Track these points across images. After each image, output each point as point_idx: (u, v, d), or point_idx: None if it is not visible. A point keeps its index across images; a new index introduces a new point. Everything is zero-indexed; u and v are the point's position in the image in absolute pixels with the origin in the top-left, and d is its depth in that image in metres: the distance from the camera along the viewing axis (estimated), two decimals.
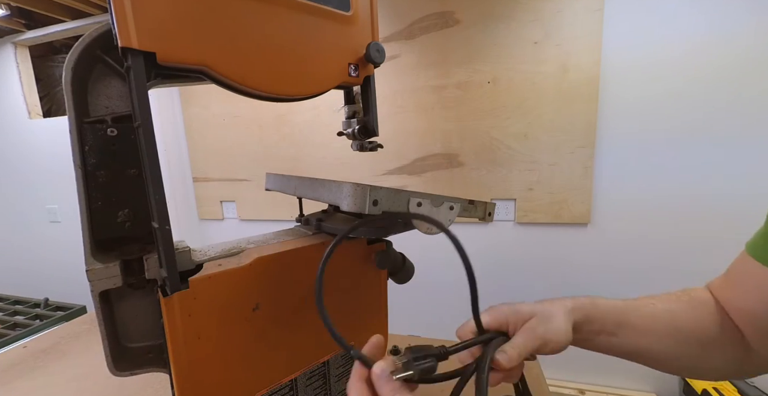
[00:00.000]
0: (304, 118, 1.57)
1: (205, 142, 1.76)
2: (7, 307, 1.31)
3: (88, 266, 0.36)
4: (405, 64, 1.40)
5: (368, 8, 0.50)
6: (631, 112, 1.21)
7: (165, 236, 0.35)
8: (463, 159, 1.40)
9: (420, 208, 0.40)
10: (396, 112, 1.42)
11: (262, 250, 0.44)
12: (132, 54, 0.32)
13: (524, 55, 1.27)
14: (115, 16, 0.30)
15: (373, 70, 0.53)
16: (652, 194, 1.20)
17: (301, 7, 0.42)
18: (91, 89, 0.38)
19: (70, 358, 0.79)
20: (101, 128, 0.37)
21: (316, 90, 0.47)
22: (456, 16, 1.32)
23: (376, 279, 0.57)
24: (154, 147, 0.33)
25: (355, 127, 0.56)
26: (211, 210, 1.83)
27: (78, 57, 0.36)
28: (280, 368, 0.46)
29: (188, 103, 1.75)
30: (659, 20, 1.15)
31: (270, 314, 0.44)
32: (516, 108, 1.31)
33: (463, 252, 0.30)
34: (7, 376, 0.73)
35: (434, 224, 0.35)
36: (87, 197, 0.37)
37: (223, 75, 0.37)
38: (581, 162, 1.26)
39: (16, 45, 1.91)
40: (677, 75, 1.15)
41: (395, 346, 0.81)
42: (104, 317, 0.38)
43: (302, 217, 0.58)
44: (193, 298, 0.38)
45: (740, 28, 1.08)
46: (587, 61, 1.21)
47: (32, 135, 1.96)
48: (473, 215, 0.48)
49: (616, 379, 1.38)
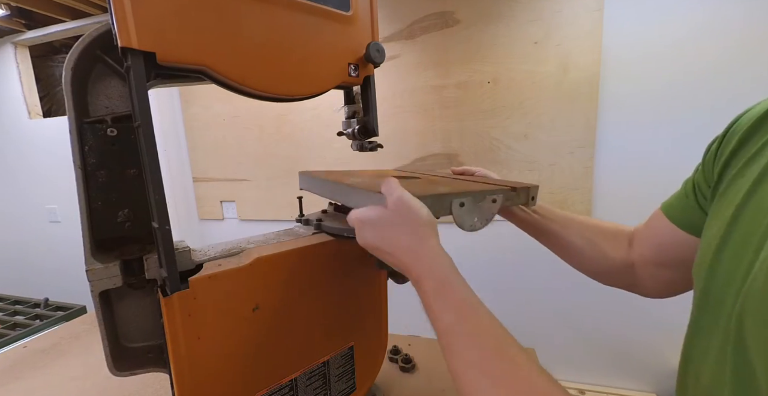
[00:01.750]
0: (304, 118, 1.57)
1: (205, 142, 1.76)
2: (7, 307, 1.31)
3: (88, 266, 0.36)
4: (405, 64, 1.40)
5: (368, 8, 0.50)
6: (631, 112, 1.21)
7: (165, 236, 0.35)
8: (463, 159, 1.40)
9: (463, 208, 0.41)
10: (396, 112, 1.42)
11: (262, 250, 0.44)
12: (132, 54, 0.32)
13: (524, 54, 1.27)
14: (115, 16, 0.30)
15: (373, 70, 0.53)
16: (653, 194, 1.19)
17: (301, 7, 0.42)
18: (91, 89, 0.38)
19: (70, 358, 0.79)
20: (101, 128, 0.37)
21: (316, 90, 0.47)
22: (456, 16, 1.32)
23: (376, 279, 0.57)
24: (154, 147, 0.33)
25: (355, 127, 0.56)
26: (211, 210, 1.83)
27: (78, 57, 0.36)
28: (280, 368, 0.46)
29: (188, 103, 1.75)
30: (659, 20, 1.15)
31: (270, 314, 0.44)
32: (516, 108, 1.31)
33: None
34: (7, 376, 0.73)
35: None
36: (87, 197, 0.37)
37: (223, 75, 0.37)
38: (581, 162, 1.26)
39: (16, 45, 1.91)
40: (678, 74, 1.15)
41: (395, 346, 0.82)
42: (104, 317, 0.38)
43: (302, 217, 0.58)
44: (193, 298, 0.38)
45: (740, 26, 1.08)
46: (587, 60, 1.21)
47: (32, 135, 1.96)
48: (516, 203, 0.48)
49: (616, 379, 1.38)
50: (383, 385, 0.66)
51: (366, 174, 0.60)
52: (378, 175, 0.58)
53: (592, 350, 1.38)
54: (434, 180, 0.54)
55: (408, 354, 0.73)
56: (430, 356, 0.74)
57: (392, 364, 0.72)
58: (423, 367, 0.72)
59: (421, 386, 0.66)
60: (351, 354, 0.55)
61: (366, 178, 0.53)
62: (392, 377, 0.69)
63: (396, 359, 0.73)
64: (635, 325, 1.31)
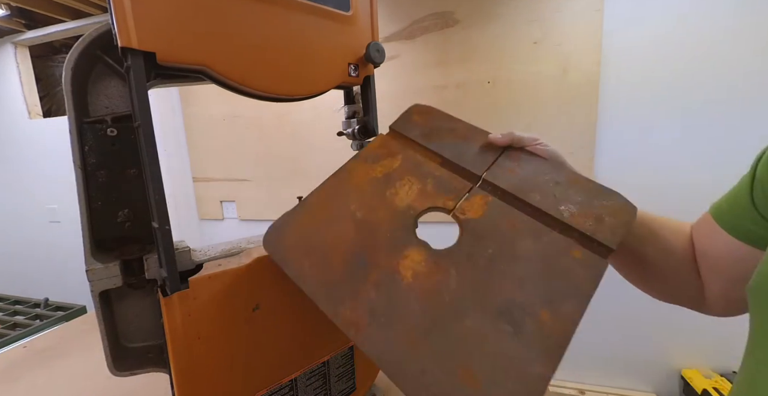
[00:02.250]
0: (304, 118, 1.57)
1: (205, 142, 1.76)
2: (7, 307, 1.31)
3: (88, 266, 0.36)
4: (405, 64, 1.40)
5: (368, 8, 0.50)
6: (631, 112, 1.21)
7: (165, 236, 0.35)
8: None
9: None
10: (396, 112, 1.41)
11: (262, 250, 0.44)
12: (132, 54, 0.32)
13: (524, 55, 1.27)
14: (115, 16, 0.30)
15: (372, 70, 0.53)
16: (653, 194, 1.20)
17: (301, 7, 0.42)
18: (91, 89, 0.38)
19: (70, 358, 0.79)
20: (101, 128, 0.37)
21: (316, 90, 0.47)
22: (456, 16, 1.32)
23: None
24: (154, 147, 0.33)
25: (355, 127, 0.56)
26: (211, 210, 1.83)
27: (78, 57, 0.36)
28: (280, 368, 0.46)
29: (188, 103, 1.75)
30: (659, 20, 1.15)
31: (270, 314, 0.44)
32: (516, 108, 1.31)
33: None
34: (7, 376, 0.73)
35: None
36: (87, 197, 0.37)
37: (223, 75, 0.37)
38: (581, 162, 1.26)
39: (16, 45, 1.91)
40: (678, 75, 1.15)
41: None
42: (104, 317, 0.38)
43: None
44: (193, 298, 0.38)
45: (741, 29, 1.08)
46: (587, 61, 1.21)
47: (32, 135, 1.96)
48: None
49: (616, 379, 1.38)
50: (383, 385, 0.66)
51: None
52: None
53: (592, 350, 1.38)
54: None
55: None
56: None
57: None
58: None
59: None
60: (351, 354, 0.55)
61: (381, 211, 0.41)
62: None
63: None
64: (635, 325, 1.31)
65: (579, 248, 0.34)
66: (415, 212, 0.39)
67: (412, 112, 0.51)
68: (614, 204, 0.38)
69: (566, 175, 0.40)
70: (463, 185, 0.41)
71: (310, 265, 0.37)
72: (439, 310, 0.32)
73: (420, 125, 0.49)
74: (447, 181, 0.42)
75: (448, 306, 0.32)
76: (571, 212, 0.37)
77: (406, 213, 0.39)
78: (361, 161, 0.47)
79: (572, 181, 0.40)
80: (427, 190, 0.41)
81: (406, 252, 0.36)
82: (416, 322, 0.32)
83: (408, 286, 0.34)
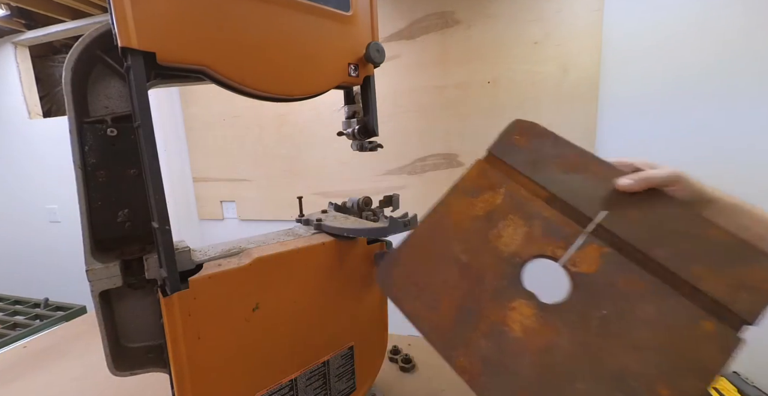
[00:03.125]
0: (304, 118, 1.57)
1: (205, 142, 1.76)
2: (7, 307, 1.31)
3: (88, 266, 0.36)
4: (405, 64, 1.40)
5: (368, 8, 0.50)
6: (631, 112, 1.21)
7: (165, 236, 0.35)
8: (463, 159, 1.39)
9: None
10: (396, 112, 1.42)
11: (262, 250, 0.44)
12: (132, 54, 0.32)
13: (524, 55, 1.27)
14: (115, 16, 0.30)
15: (373, 70, 0.53)
16: None
17: (301, 7, 0.42)
18: (91, 89, 0.38)
19: (70, 358, 0.79)
20: (101, 128, 0.37)
21: (316, 90, 0.47)
22: (456, 16, 1.32)
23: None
24: (154, 147, 0.33)
25: (355, 127, 0.56)
26: (211, 210, 1.83)
27: (78, 57, 0.36)
28: (280, 368, 0.46)
29: (188, 103, 1.75)
30: (659, 20, 1.15)
31: (270, 314, 0.44)
32: (516, 108, 1.31)
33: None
34: (7, 376, 0.73)
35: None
36: (87, 197, 0.37)
37: (223, 75, 0.37)
38: None
39: (16, 45, 1.91)
40: (678, 74, 1.15)
41: (395, 346, 0.82)
42: (104, 317, 0.38)
43: (302, 217, 0.59)
44: (193, 298, 0.38)
45: (740, 26, 1.08)
46: (587, 61, 1.21)
47: (32, 135, 1.96)
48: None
49: None
50: (383, 385, 0.66)
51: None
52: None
53: None
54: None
55: (408, 354, 0.73)
56: (430, 356, 0.74)
57: (392, 364, 0.72)
58: (423, 367, 0.72)
59: (420, 386, 0.66)
60: (351, 354, 0.55)
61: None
62: (392, 377, 0.69)
63: (396, 359, 0.73)
64: None
65: (710, 319, 0.30)
66: (522, 260, 0.36)
67: (513, 131, 0.45)
68: (761, 268, 0.30)
69: (704, 225, 0.33)
70: (574, 231, 0.36)
71: (422, 307, 0.37)
72: (551, 369, 0.31)
73: (523, 149, 0.43)
74: (556, 225, 0.37)
75: (559, 366, 0.31)
76: (705, 274, 0.31)
77: (511, 260, 0.37)
78: (460, 194, 0.42)
79: (711, 235, 0.33)
80: (533, 235, 0.37)
81: (514, 303, 0.34)
82: (529, 378, 0.31)
83: (517, 340, 0.33)
